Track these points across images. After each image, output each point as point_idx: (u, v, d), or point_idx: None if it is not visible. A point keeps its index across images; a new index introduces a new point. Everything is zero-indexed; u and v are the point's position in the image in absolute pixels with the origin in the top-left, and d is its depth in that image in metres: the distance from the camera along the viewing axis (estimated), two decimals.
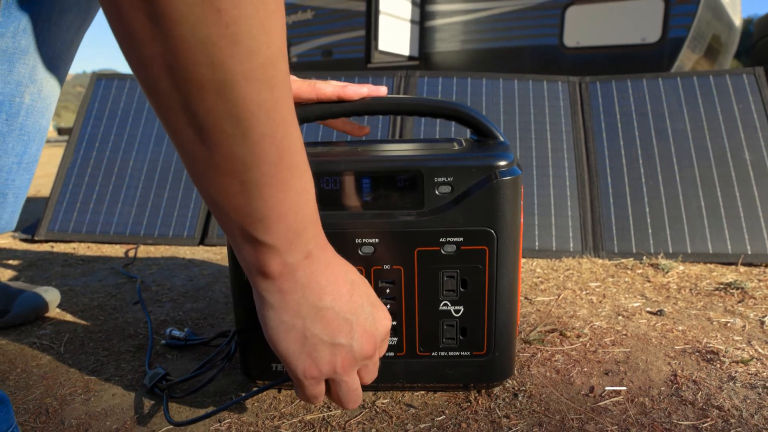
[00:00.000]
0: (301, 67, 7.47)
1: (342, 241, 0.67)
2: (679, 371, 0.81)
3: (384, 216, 0.66)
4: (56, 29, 0.90)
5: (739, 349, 0.89)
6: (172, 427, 0.67)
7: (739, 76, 1.66)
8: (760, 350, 0.88)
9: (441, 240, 0.66)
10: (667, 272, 1.33)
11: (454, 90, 1.75)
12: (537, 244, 1.50)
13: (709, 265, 1.41)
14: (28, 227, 1.86)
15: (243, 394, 0.72)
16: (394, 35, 6.26)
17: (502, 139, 0.73)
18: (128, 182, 1.77)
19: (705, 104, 1.64)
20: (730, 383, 0.77)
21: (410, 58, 6.48)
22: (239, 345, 0.73)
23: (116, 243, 1.67)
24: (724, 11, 6.05)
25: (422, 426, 0.67)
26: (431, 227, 0.66)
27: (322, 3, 7.25)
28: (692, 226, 1.48)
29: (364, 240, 0.67)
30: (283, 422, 0.68)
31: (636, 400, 0.73)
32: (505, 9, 5.89)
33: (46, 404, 0.74)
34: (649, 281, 1.27)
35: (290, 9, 7.70)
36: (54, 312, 1.08)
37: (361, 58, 6.88)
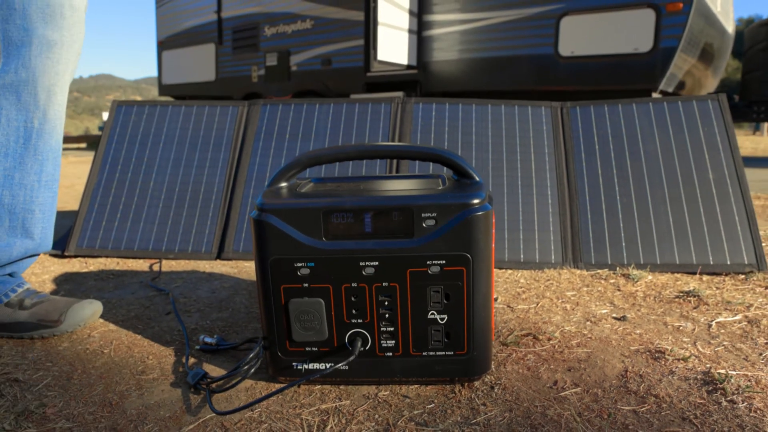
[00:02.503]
0: (301, 76, 7.66)
1: (349, 264, 0.84)
2: (630, 367, 0.98)
3: (382, 244, 0.83)
4: (48, 61, 1.13)
5: (683, 348, 1.05)
6: (214, 415, 0.84)
7: (704, 102, 1.83)
8: (700, 349, 1.05)
9: (428, 262, 0.83)
10: (637, 281, 1.50)
11: (447, 115, 1.92)
12: (522, 256, 1.66)
13: (675, 274, 1.58)
14: (56, 243, 2.02)
15: (275, 389, 0.89)
16: (393, 45, 6.45)
17: (477, 178, 0.90)
18: (149, 201, 1.93)
19: (674, 127, 1.80)
20: (669, 376, 0.93)
21: (408, 67, 6.68)
22: (266, 349, 0.90)
23: (140, 258, 1.84)
24: (716, 20, 6.24)
25: (415, 412, 0.84)
26: (420, 252, 0.82)
27: (321, 13, 7.45)
28: (661, 239, 1.64)
29: (367, 263, 0.84)
30: (303, 410, 0.85)
31: (591, 391, 0.90)
32: (501, 19, 6.08)
33: (108, 398, 0.90)
34: (619, 290, 1.44)
35: (290, 18, 7.90)
36: (98, 322, 1.25)
37: (360, 67, 7.09)
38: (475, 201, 0.82)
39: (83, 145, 15.53)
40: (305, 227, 0.83)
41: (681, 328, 1.17)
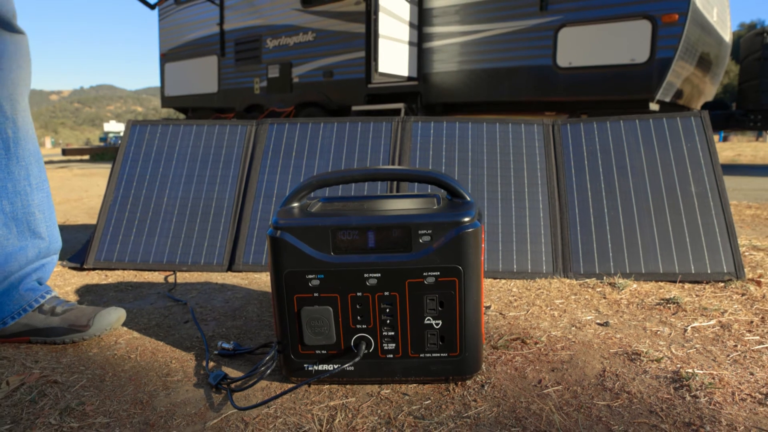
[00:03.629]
0: (303, 88, 7.81)
1: (354, 276, 0.95)
2: (608, 368, 1.08)
3: (384, 258, 0.94)
4: (1, 73, 1.25)
5: (658, 351, 1.16)
6: (235, 410, 0.94)
7: (687, 119, 1.94)
8: (674, 351, 1.15)
9: (424, 274, 0.94)
10: (622, 290, 1.60)
11: (444, 133, 2.04)
12: (515, 267, 1.77)
13: (659, 282, 1.68)
14: (74, 256, 2.13)
15: (288, 388, 0.99)
16: (394, 57, 6.58)
17: (468, 198, 1.01)
18: (163, 216, 2.04)
19: (659, 143, 1.91)
20: (642, 375, 1.04)
21: (409, 78, 6.81)
22: (280, 352, 1.01)
23: (155, 270, 1.95)
24: (713, 29, 6.37)
25: (414, 407, 0.94)
26: (417, 265, 0.93)
27: (323, 25, 7.61)
28: (646, 249, 1.75)
29: (370, 275, 0.94)
30: (314, 407, 0.95)
31: (571, 388, 1.00)
32: (500, 31, 6.22)
33: (139, 397, 1.01)
34: (605, 298, 1.54)
35: (292, 31, 8.06)
36: (122, 330, 1.35)
37: (361, 79, 7.24)
38: (466, 219, 0.93)
39: (86, 156, 15.70)
40: (316, 243, 0.94)
41: (658, 332, 1.27)
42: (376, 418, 0.91)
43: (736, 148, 14.49)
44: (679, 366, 1.07)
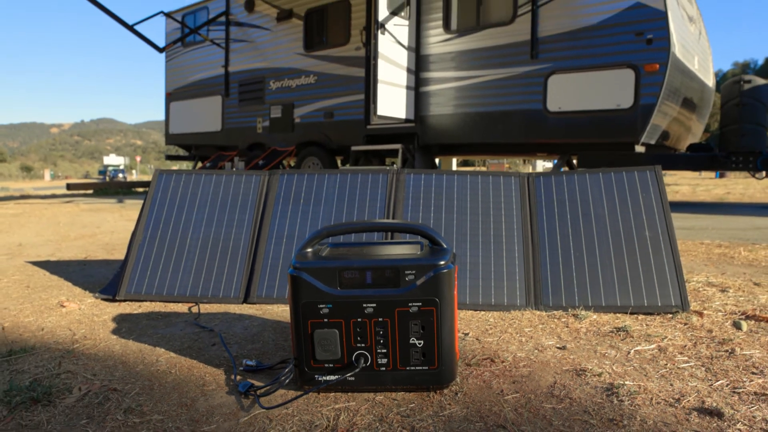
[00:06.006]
0: (304, 128, 8.17)
1: (356, 305, 1.22)
2: (558, 381, 1.35)
3: (378, 291, 1.22)
4: None
5: (601, 368, 1.42)
6: (261, 411, 1.21)
7: (643, 172, 2.24)
8: (614, 369, 1.42)
9: (409, 304, 1.21)
10: (583, 320, 1.87)
11: (433, 183, 2.33)
12: (493, 300, 2.04)
13: (616, 314, 1.95)
14: (104, 289, 2.40)
15: (300, 393, 1.26)
16: (392, 100, 6.96)
17: (445, 246, 1.29)
18: (186, 255, 2.32)
19: (618, 193, 2.21)
20: (584, 386, 1.31)
21: (406, 120, 7.18)
22: (296, 366, 1.27)
23: (180, 302, 2.21)
24: (695, 76, 6.78)
25: (401, 409, 1.21)
26: (404, 298, 1.21)
27: (324, 69, 8.03)
28: (606, 285, 2.03)
29: (368, 305, 1.22)
30: (323, 408, 1.22)
31: (526, 395, 1.27)
32: (493, 77, 6.61)
33: (183, 401, 1.27)
34: (567, 327, 1.81)
35: (294, 73, 8.47)
36: (161, 350, 1.62)
37: (360, 120, 7.62)
38: (442, 262, 1.21)
39: (90, 191, 16.02)
40: (326, 280, 1.22)
41: (606, 354, 1.54)
42: (371, 416, 1.18)
43: (729, 185, 14.85)
44: (615, 379, 1.34)
